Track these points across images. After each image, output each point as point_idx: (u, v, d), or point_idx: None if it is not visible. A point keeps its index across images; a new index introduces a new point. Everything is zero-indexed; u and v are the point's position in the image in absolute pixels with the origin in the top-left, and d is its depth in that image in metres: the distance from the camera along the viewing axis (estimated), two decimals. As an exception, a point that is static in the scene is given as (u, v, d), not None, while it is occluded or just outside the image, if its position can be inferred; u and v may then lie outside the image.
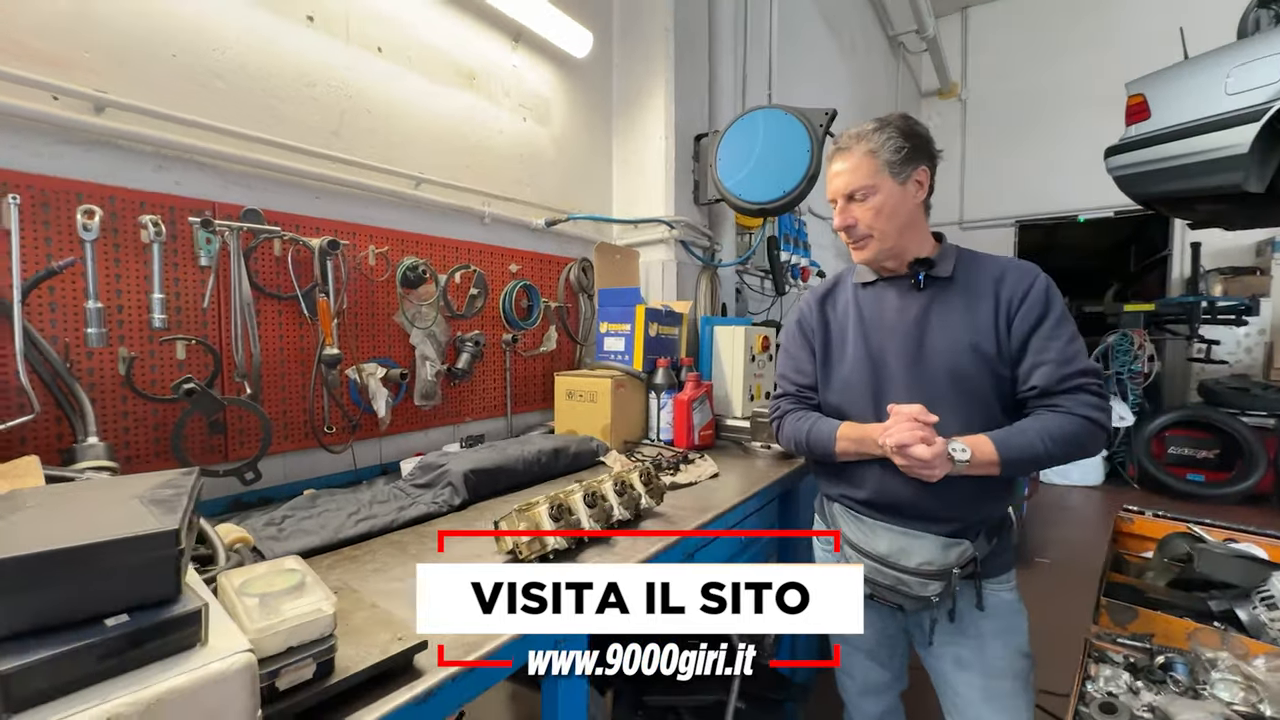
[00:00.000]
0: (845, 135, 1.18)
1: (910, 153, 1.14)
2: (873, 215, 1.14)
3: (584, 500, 1.03)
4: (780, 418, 1.39)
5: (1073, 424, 1.07)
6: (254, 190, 1.24)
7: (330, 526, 1.06)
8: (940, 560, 1.12)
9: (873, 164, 1.13)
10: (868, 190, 1.13)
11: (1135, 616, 1.33)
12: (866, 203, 1.14)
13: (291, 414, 1.28)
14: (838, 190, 1.16)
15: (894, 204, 1.14)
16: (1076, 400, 1.08)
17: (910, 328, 1.17)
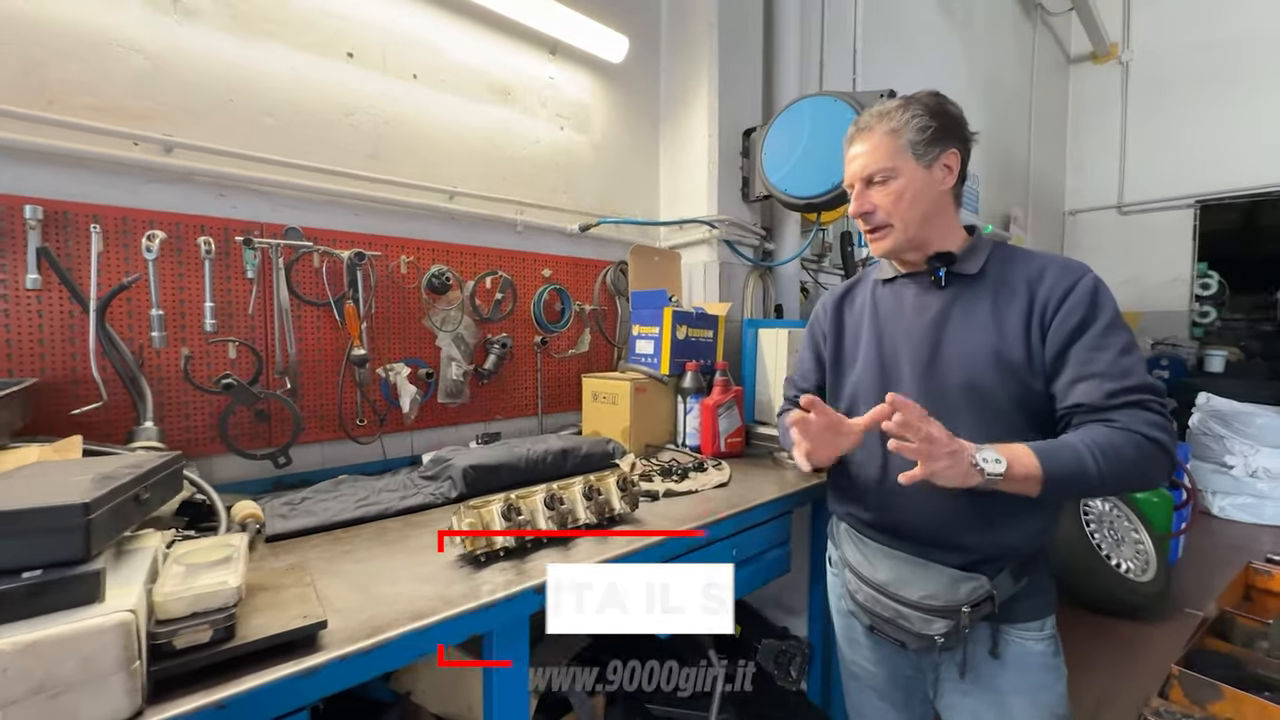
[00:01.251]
0: (866, 114, 1.07)
1: (938, 133, 1.02)
2: (892, 201, 1.03)
3: (543, 501, 1.05)
4: (780, 416, 1.32)
5: (1130, 441, 0.87)
6: (299, 210, 1.41)
7: (333, 509, 1.18)
8: (947, 595, 0.98)
9: (894, 144, 1.02)
10: (887, 173, 1.02)
11: (1220, 696, 1.05)
12: (886, 187, 1.03)
13: (327, 407, 1.45)
14: (855, 173, 1.06)
15: (917, 189, 1.02)
16: (1133, 416, 0.89)
17: (926, 330, 1.05)
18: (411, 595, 0.84)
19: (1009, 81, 5.13)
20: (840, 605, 1.20)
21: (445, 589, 0.87)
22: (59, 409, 1.09)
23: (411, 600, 0.83)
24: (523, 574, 0.92)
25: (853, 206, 1.07)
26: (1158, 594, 2.75)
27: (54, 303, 1.11)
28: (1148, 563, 2.89)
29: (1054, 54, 6.28)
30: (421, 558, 0.99)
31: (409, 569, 0.94)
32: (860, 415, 1.12)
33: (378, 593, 0.85)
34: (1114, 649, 2.48)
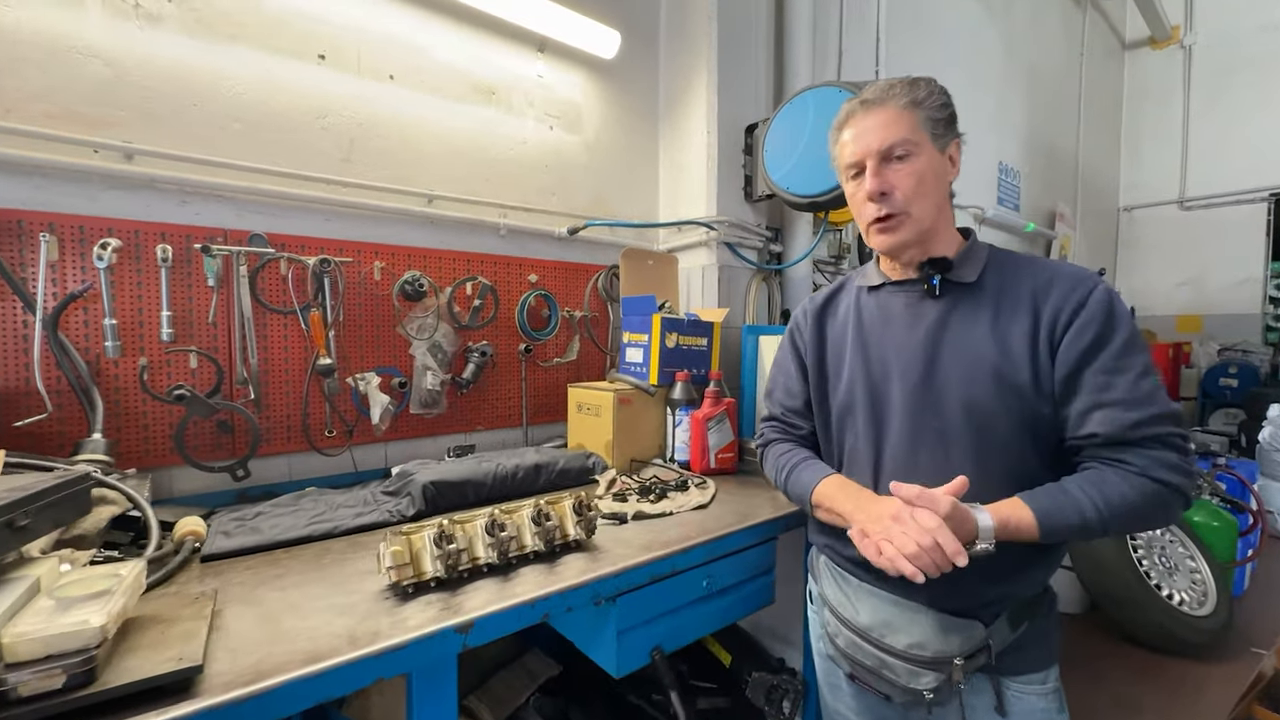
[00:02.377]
0: (871, 89, 0.93)
1: (951, 119, 0.92)
2: (915, 183, 0.88)
3: (483, 527, 0.97)
4: (764, 448, 1.19)
5: (1143, 490, 0.78)
6: (266, 216, 1.38)
7: (281, 527, 1.14)
8: (937, 645, 0.86)
9: (915, 118, 0.88)
10: (910, 147, 0.88)
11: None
12: (908, 165, 0.88)
13: (294, 418, 1.41)
14: (868, 148, 0.90)
15: (936, 173, 0.90)
16: (1152, 458, 0.78)
17: (919, 346, 0.92)
18: (318, 632, 0.77)
19: (1054, 71, 4.81)
20: (820, 647, 1.08)
21: (359, 624, 0.79)
22: (5, 420, 1.08)
23: (315, 638, 0.76)
24: (450, 609, 0.85)
25: (870, 184, 0.90)
26: (1217, 630, 2.47)
27: (8, 312, 1.10)
28: (1205, 594, 2.61)
29: (1106, 40, 5.89)
30: (350, 586, 0.92)
31: (331, 599, 0.87)
32: (846, 438, 1.01)
33: (285, 627, 0.79)
34: (1163, 692, 2.23)
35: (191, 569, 0.99)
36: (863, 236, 1.01)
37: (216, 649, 0.73)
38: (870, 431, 0.96)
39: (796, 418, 1.17)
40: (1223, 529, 2.77)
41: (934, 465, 0.88)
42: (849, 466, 1.01)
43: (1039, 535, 0.78)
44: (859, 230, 2.67)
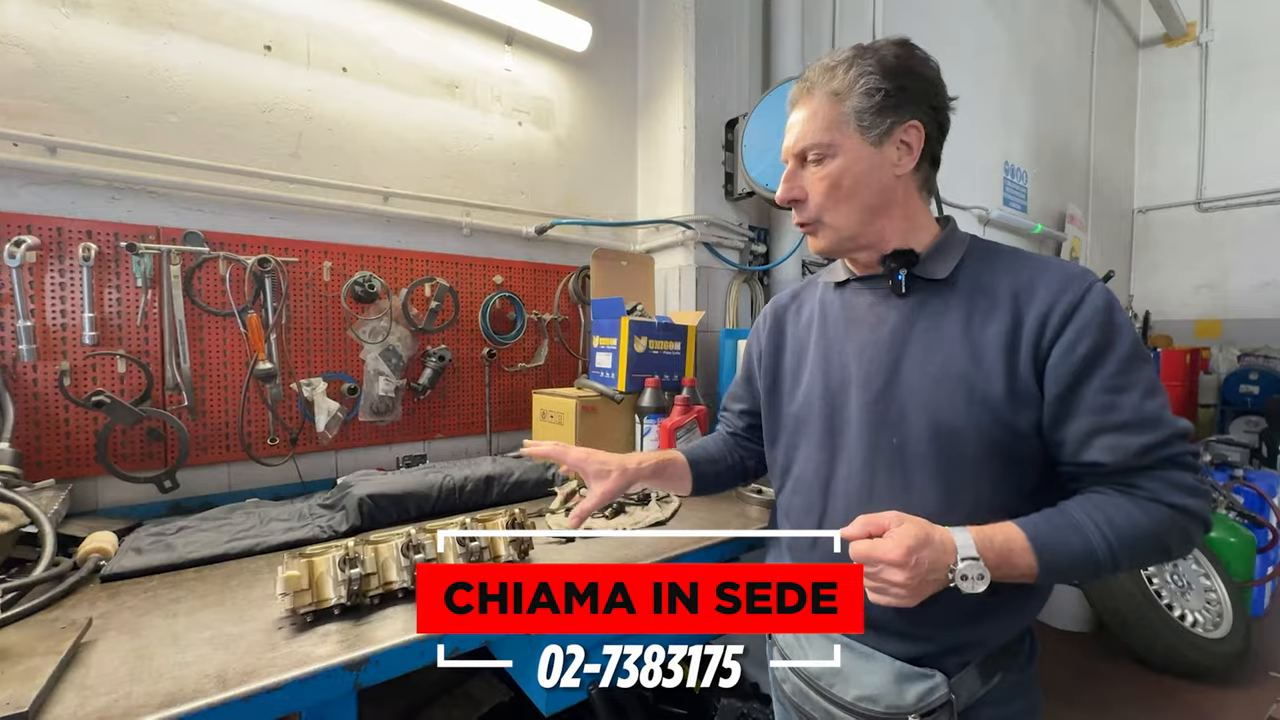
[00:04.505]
0: (813, 67, 0.82)
1: (892, 99, 0.77)
2: (826, 189, 0.79)
3: (399, 550, 0.88)
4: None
5: (1159, 517, 0.68)
6: (205, 213, 1.32)
7: (198, 543, 1.06)
8: (890, 698, 0.76)
9: (834, 112, 0.78)
10: (822, 150, 0.79)
11: None
12: (821, 168, 0.79)
13: (233, 426, 1.34)
14: (788, 147, 0.83)
15: (859, 173, 0.78)
16: (1165, 480, 0.68)
17: (881, 351, 0.81)
18: (189, 669, 0.69)
19: (1063, 70, 4.67)
20: (775, 689, 0.98)
21: (237, 660, 0.71)
22: (-96, 428, 1.02)
23: (183, 677, 0.68)
24: (348, 642, 0.76)
25: (779, 192, 0.84)
26: (1234, 653, 2.33)
27: (-85, 314, 1.04)
28: (1221, 615, 2.46)
29: (1119, 38, 5.72)
30: (249, 613, 0.84)
31: (221, 628, 0.79)
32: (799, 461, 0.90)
33: (155, 664, 0.71)
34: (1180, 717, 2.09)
35: (89, 590, 0.91)
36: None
37: (67, 690, 0.65)
38: (823, 452, 0.85)
39: (733, 417, 1.09)
40: (1240, 545, 2.62)
41: (892, 492, 0.77)
42: (792, 494, 0.90)
43: (1036, 567, 0.66)
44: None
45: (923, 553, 0.65)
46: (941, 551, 0.66)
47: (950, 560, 0.66)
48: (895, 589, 0.66)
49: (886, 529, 0.68)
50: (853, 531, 0.71)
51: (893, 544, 0.66)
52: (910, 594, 0.66)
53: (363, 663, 0.73)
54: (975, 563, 0.65)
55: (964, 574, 0.65)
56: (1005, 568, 0.67)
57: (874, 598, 0.69)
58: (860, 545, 0.69)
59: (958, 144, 0.85)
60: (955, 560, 0.66)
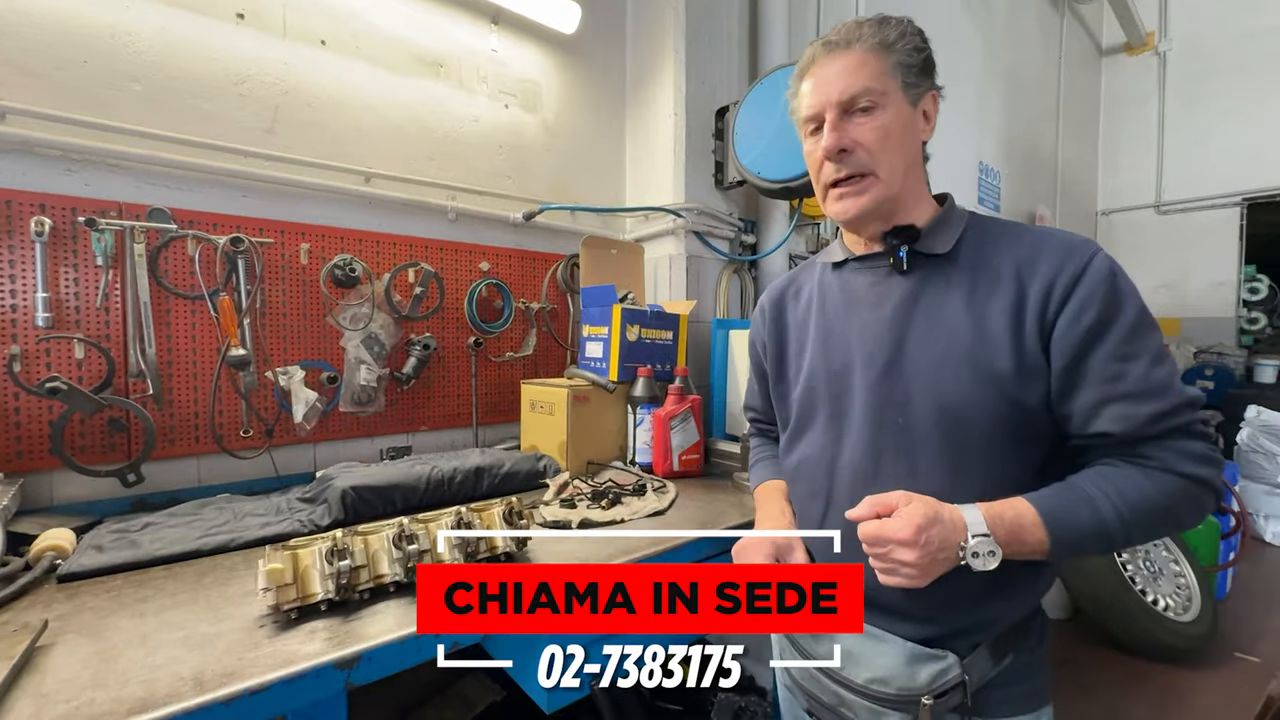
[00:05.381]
0: (837, 29, 0.79)
1: (927, 65, 0.78)
2: (879, 139, 0.75)
3: (390, 540, 0.83)
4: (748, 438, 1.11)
5: (1168, 486, 0.66)
6: (172, 189, 1.23)
7: (166, 540, 0.99)
8: (902, 680, 0.73)
9: (883, 63, 0.75)
10: (875, 98, 0.75)
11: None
12: (872, 119, 0.75)
13: (204, 416, 1.26)
14: (828, 98, 0.76)
15: (903, 129, 0.77)
16: (1175, 450, 0.66)
17: (884, 330, 0.79)
18: (162, 671, 0.63)
19: (1033, 75, 4.79)
20: (781, 676, 0.95)
21: (215, 661, 0.65)
22: None
23: (154, 680, 0.62)
24: (337, 639, 0.71)
25: (827, 139, 0.76)
26: (1203, 635, 2.40)
27: None
28: (1190, 599, 2.54)
29: (1084, 45, 5.91)
30: (225, 611, 0.78)
31: (196, 627, 0.73)
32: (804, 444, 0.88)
33: (121, 667, 0.64)
34: (1152, 700, 2.15)
35: (43, 592, 0.83)
36: (820, 206, 0.89)
37: (21, 698, 0.59)
38: (827, 435, 0.83)
39: (760, 417, 1.07)
40: (1206, 531, 2.71)
41: (897, 475, 0.75)
42: (796, 479, 0.89)
43: (1048, 542, 0.65)
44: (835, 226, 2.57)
45: (932, 531, 0.64)
46: (951, 529, 0.65)
47: (960, 538, 0.65)
48: (906, 569, 0.65)
49: (895, 508, 0.67)
50: (860, 512, 0.69)
51: (902, 523, 0.65)
52: (921, 573, 0.65)
53: (354, 661, 0.68)
54: (986, 539, 0.64)
55: (974, 551, 0.64)
56: (1016, 544, 0.65)
57: (884, 579, 0.67)
58: (869, 526, 0.67)
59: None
60: (965, 538, 0.65)
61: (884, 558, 0.66)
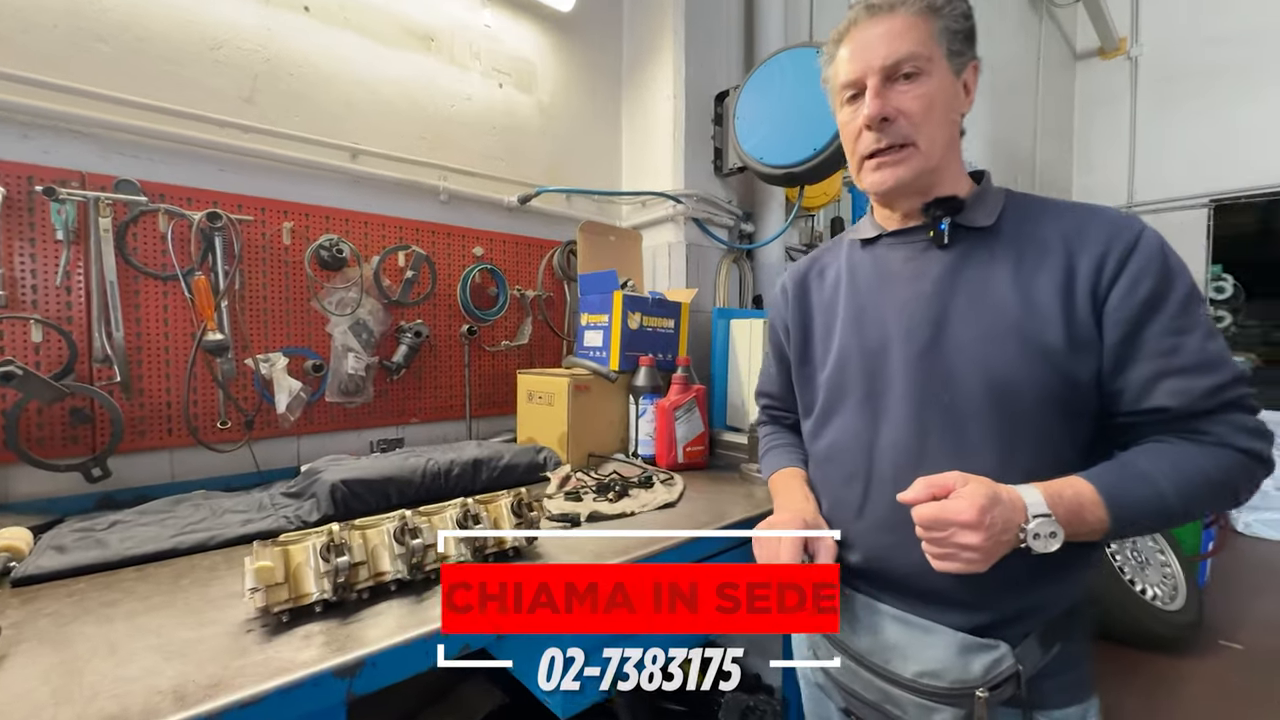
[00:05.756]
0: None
1: (970, 34, 0.75)
2: (924, 107, 0.71)
3: (391, 534, 0.76)
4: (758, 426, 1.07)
5: (1226, 462, 0.64)
6: (141, 160, 1.14)
7: (137, 539, 0.90)
8: (955, 672, 0.70)
9: (929, 27, 0.72)
10: (920, 64, 0.71)
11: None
12: (916, 86, 0.71)
13: (177, 406, 1.16)
14: (870, 64, 0.72)
15: (947, 100, 0.73)
16: (1230, 424, 0.64)
17: (924, 305, 0.75)
18: (135, 684, 0.55)
19: (1013, 74, 4.87)
20: (807, 673, 0.91)
21: (198, 671, 0.58)
22: None
23: (126, 694, 0.54)
24: (335, 643, 0.64)
25: (870, 107, 0.73)
26: (1189, 624, 2.44)
27: None
28: (1176, 588, 2.58)
29: (1061, 49, 6.04)
30: (208, 614, 0.70)
31: (173, 633, 0.65)
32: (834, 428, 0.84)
33: (88, 680, 0.56)
34: (1143, 690, 2.16)
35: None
36: (853, 178, 0.85)
37: (-33, 717, 0.50)
38: (863, 417, 0.79)
39: (776, 403, 1.02)
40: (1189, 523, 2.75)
41: (945, 453, 0.72)
42: (827, 464, 0.85)
43: (1107, 519, 0.62)
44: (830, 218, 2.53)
45: (995, 512, 0.61)
46: (1011, 510, 0.62)
47: (1020, 519, 0.62)
48: (968, 553, 0.62)
49: (951, 489, 0.64)
50: (915, 494, 0.65)
51: (965, 504, 0.61)
52: (984, 558, 0.62)
53: (357, 667, 0.61)
54: (1047, 520, 0.61)
55: (1035, 533, 0.61)
56: (1076, 523, 0.63)
57: (940, 564, 0.64)
58: (927, 508, 0.64)
59: None
60: (1026, 518, 0.62)
61: (943, 542, 0.63)
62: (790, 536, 0.77)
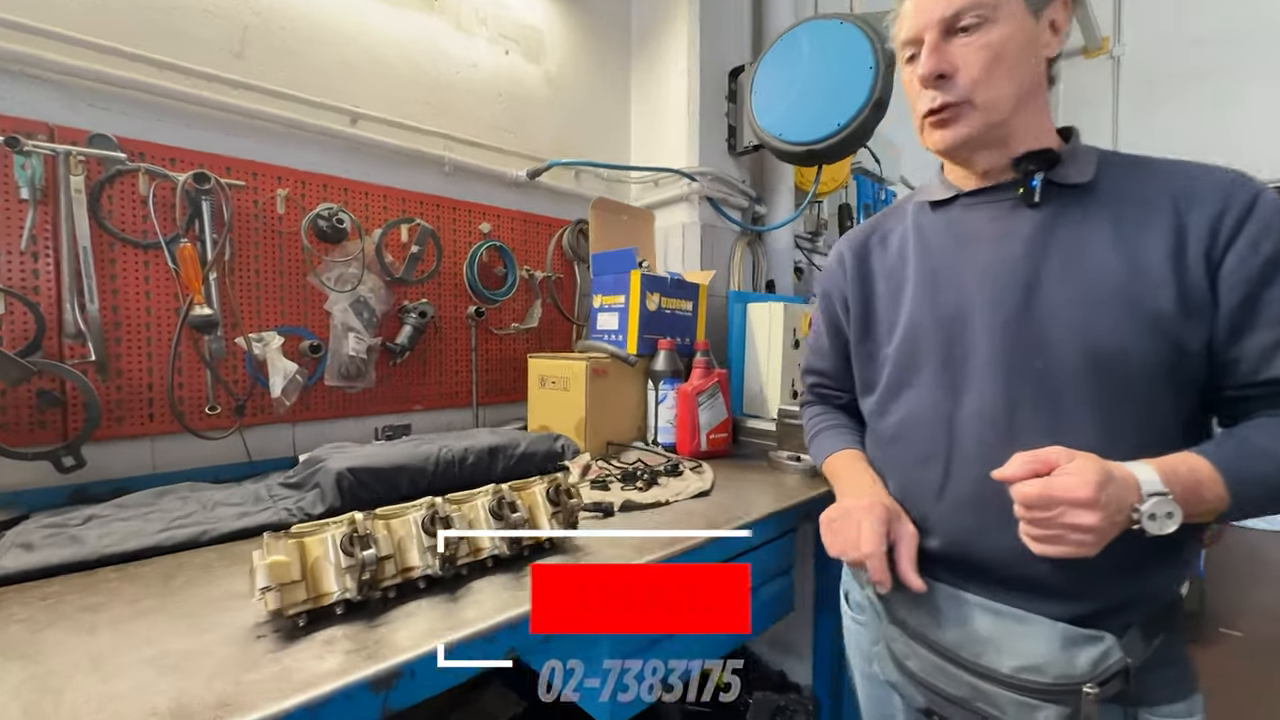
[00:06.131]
0: None
1: None
2: (987, 61, 0.65)
3: (419, 524, 0.67)
4: (803, 408, 1.00)
5: None
6: (117, 114, 1.02)
7: (118, 535, 0.79)
8: (1059, 667, 0.63)
9: None
10: (985, 12, 0.65)
11: None
12: (980, 36, 0.65)
13: (160, 388, 1.05)
14: (929, 17, 0.67)
15: (1019, 46, 0.66)
16: None
17: (1013, 268, 0.69)
18: (126, 706, 0.46)
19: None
20: (870, 670, 0.84)
21: (206, 685, 0.48)
22: None
23: (114, 716, 0.45)
24: (366, 650, 0.54)
25: (924, 65, 0.68)
26: (1192, 614, 2.45)
27: None
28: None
29: (1047, 45, 6.09)
30: (208, 619, 0.60)
31: (168, 642, 0.55)
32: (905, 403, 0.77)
33: (69, 700, 0.47)
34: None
35: (-49, 601, 0.64)
36: (918, 136, 0.78)
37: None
38: (939, 389, 0.73)
39: (828, 381, 0.95)
40: (1190, 511, 2.76)
41: (1039, 427, 0.65)
42: (897, 443, 0.78)
43: (1227, 497, 0.56)
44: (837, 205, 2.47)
45: (1109, 490, 0.54)
46: (1124, 488, 0.56)
47: (1133, 498, 0.56)
48: (1079, 535, 0.55)
49: (1056, 465, 0.57)
50: (1014, 471, 0.59)
51: (1077, 481, 0.55)
52: (1097, 540, 0.55)
53: (393, 678, 0.52)
54: (1164, 499, 0.55)
55: (1152, 513, 0.55)
56: (1194, 502, 0.57)
57: (1043, 548, 0.58)
58: (1032, 486, 0.57)
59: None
60: (1140, 497, 0.55)
61: (1049, 523, 0.56)
62: (872, 522, 0.70)
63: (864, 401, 0.85)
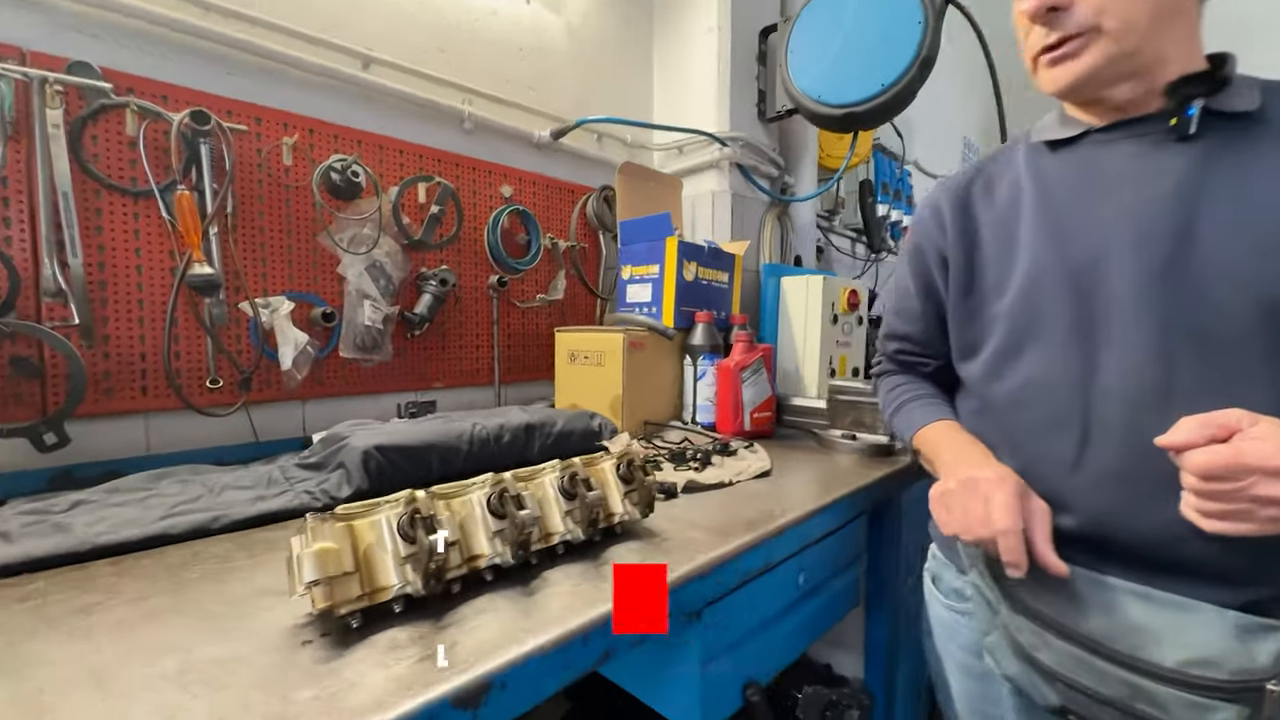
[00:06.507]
0: None
1: None
2: None
3: (482, 504, 0.56)
4: (878, 378, 0.90)
5: None
6: (104, 42, 0.89)
7: (112, 522, 0.67)
8: (1237, 660, 0.55)
9: None
10: None
11: None
12: None
13: (155, 357, 0.92)
14: None
15: None
16: None
17: (1164, 209, 0.59)
18: (146, 736, 0.35)
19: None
20: (976, 663, 0.75)
21: (244, 710, 0.37)
22: None
23: (135, 755, 0.33)
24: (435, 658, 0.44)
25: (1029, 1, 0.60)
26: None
27: None
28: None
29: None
30: (233, 621, 0.49)
31: (191, 651, 0.44)
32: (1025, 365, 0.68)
33: (67, 729, 0.35)
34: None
35: (-89, 603, 0.52)
36: (1031, 77, 0.68)
37: None
38: (1071, 348, 0.64)
39: (915, 347, 0.85)
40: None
41: (1207, 391, 0.56)
42: (1018, 409, 0.68)
43: None
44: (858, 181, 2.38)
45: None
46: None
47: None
48: (1273, 509, 0.47)
49: (1237, 430, 0.49)
50: (1188, 436, 0.50)
51: (1272, 448, 0.46)
52: None
53: (482, 691, 0.42)
54: None
55: None
56: None
57: (1224, 525, 0.50)
58: (1217, 453, 0.49)
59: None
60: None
61: (1235, 496, 0.48)
62: (1004, 496, 0.61)
63: (965, 366, 0.76)
